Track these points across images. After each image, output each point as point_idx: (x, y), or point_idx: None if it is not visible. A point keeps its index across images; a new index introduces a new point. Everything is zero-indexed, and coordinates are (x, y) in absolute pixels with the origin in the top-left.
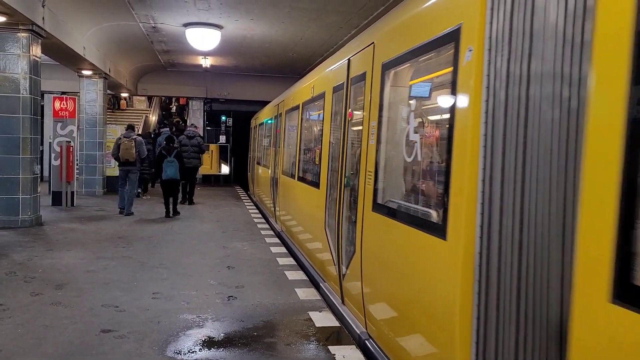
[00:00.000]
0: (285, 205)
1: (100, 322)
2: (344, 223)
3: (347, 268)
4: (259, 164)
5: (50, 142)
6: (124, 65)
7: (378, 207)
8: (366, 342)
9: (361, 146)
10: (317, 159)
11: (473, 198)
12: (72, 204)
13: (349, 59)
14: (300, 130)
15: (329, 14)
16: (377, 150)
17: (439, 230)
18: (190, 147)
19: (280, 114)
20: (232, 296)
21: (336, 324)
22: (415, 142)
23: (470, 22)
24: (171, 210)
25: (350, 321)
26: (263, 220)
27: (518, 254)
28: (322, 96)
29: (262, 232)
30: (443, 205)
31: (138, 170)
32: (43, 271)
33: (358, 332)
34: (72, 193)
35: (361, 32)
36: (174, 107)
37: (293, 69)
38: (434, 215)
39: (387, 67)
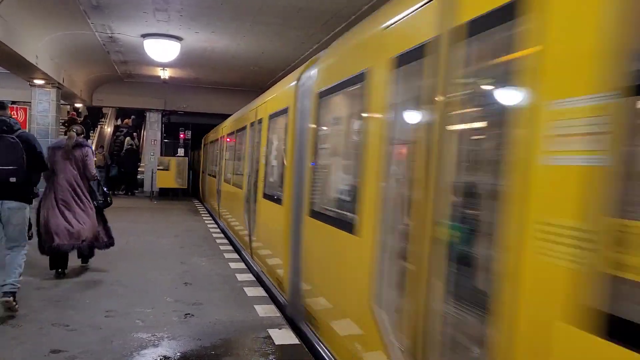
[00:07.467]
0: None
1: (49, 342)
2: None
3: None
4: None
5: None
6: (79, 75)
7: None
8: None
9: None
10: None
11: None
12: None
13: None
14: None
15: (291, 29)
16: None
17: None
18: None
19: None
20: (189, 313)
21: (296, 341)
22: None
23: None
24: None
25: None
26: (222, 235)
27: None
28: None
29: (221, 248)
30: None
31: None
32: None
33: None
34: None
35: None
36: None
37: (255, 82)
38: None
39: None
